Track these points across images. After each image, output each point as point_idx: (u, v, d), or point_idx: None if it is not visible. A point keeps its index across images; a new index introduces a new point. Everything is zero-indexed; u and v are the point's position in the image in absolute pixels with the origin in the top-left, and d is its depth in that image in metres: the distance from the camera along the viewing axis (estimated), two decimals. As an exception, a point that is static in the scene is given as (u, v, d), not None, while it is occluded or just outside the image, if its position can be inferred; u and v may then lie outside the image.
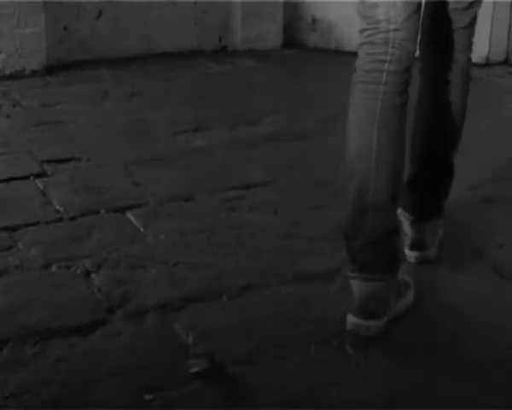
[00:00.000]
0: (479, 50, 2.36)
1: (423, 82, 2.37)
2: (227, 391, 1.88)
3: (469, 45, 2.32)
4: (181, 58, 4.79)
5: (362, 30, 2.05)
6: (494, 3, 4.52)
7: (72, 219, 2.72)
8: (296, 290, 2.32)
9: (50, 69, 4.42)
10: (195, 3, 4.94)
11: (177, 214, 2.78)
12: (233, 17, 5.02)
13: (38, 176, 3.06)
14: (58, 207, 2.80)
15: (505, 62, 4.78)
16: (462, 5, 2.24)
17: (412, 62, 2.04)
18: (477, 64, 2.41)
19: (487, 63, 4.65)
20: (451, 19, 2.24)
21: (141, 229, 2.66)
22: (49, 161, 3.18)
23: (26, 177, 3.04)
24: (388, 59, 1.99)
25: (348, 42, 4.85)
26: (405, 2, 1.98)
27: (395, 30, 1.98)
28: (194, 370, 1.93)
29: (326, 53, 5.02)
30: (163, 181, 3.04)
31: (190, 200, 2.90)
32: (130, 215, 2.75)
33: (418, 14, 2.03)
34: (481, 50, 4.51)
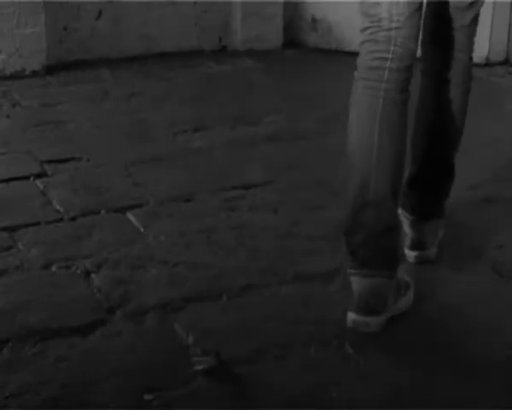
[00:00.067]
0: (479, 50, 2.36)
1: (425, 82, 2.37)
2: (227, 391, 1.88)
3: (471, 44, 2.33)
4: (181, 58, 4.79)
5: (364, 28, 2.07)
6: (494, 3, 4.52)
7: (72, 219, 2.72)
8: (296, 290, 2.32)
9: (50, 69, 4.42)
10: (195, 3, 4.94)
11: (177, 214, 2.78)
12: (233, 17, 5.02)
13: (38, 176, 3.06)
14: (58, 207, 2.80)
15: (505, 62, 4.78)
16: (463, 4, 2.24)
17: (413, 60, 2.05)
18: (477, 64, 2.41)
19: (487, 63, 4.65)
20: (453, 18, 2.25)
21: (141, 229, 2.66)
22: (49, 161, 3.18)
23: (26, 177, 3.04)
24: (390, 57, 2.01)
25: (349, 42, 4.85)
26: (407, 1, 2.00)
27: (397, 28, 2.00)
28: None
29: (326, 53, 5.02)
30: (163, 181, 3.04)
31: (190, 200, 2.90)
32: (130, 215, 2.75)
33: (420, 12, 2.04)
34: (481, 50, 4.51)
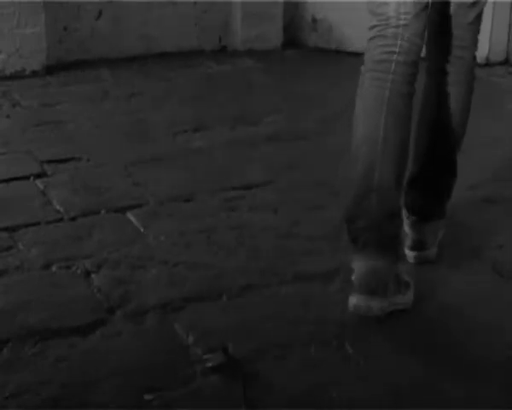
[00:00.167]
0: (479, 50, 2.37)
1: (428, 80, 2.40)
2: (227, 391, 1.89)
3: (475, 42, 2.35)
4: (181, 58, 4.78)
5: (372, 26, 2.14)
6: (494, 3, 4.52)
7: (72, 219, 2.72)
8: (296, 290, 2.32)
9: (50, 69, 4.42)
10: (195, 3, 4.94)
11: (177, 214, 2.78)
12: (233, 17, 5.02)
13: (38, 176, 3.06)
14: (58, 207, 2.80)
15: (505, 62, 4.78)
16: (466, 3, 2.27)
17: (419, 57, 2.12)
18: (477, 64, 2.41)
19: (487, 63, 4.65)
20: (457, 16, 2.28)
21: (141, 229, 2.66)
22: (49, 161, 3.18)
23: (26, 177, 3.04)
24: (397, 50, 2.09)
25: (349, 42, 4.85)
26: (414, 0, 2.08)
27: (404, 25, 2.08)
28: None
29: (326, 53, 5.02)
30: (163, 181, 3.04)
31: (190, 200, 2.90)
32: (130, 215, 2.75)
33: (426, 12, 2.12)
34: (481, 50, 4.46)
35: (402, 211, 2.27)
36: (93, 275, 2.36)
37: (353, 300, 2.13)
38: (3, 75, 4.29)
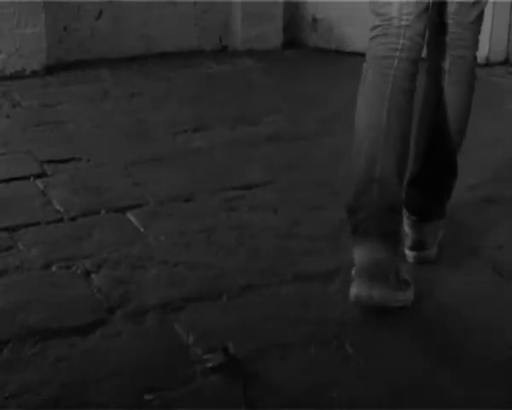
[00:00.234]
0: (479, 50, 2.38)
1: (428, 80, 2.40)
2: (227, 391, 1.89)
3: (476, 42, 2.36)
4: (181, 58, 4.78)
5: (374, 26, 2.18)
6: (494, 3, 4.52)
7: (72, 219, 2.72)
8: (296, 290, 2.32)
9: (50, 69, 4.42)
10: (195, 3, 4.94)
11: (177, 214, 2.78)
12: (233, 17, 5.02)
13: (38, 176, 3.06)
14: (58, 207, 2.80)
15: (505, 62, 4.78)
16: (467, 3, 2.28)
17: (420, 56, 2.16)
18: (477, 64, 2.41)
19: (487, 63, 4.64)
20: (458, 16, 2.28)
21: (141, 229, 2.66)
22: (49, 161, 3.18)
23: (26, 177, 3.04)
24: (400, 47, 2.13)
25: (349, 42, 4.85)
26: (416, 1, 2.12)
27: (406, 26, 2.12)
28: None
29: (326, 53, 5.02)
30: (163, 181, 3.04)
31: (190, 200, 2.90)
32: (130, 215, 2.75)
33: (427, 13, 2.16)
34: (481, 50, 4.46)
35: (402, 208, 2.28)
36: (93, 275, 2.36)
37: (354, 290, 2.14)
38: (3, 75, 4.29)
